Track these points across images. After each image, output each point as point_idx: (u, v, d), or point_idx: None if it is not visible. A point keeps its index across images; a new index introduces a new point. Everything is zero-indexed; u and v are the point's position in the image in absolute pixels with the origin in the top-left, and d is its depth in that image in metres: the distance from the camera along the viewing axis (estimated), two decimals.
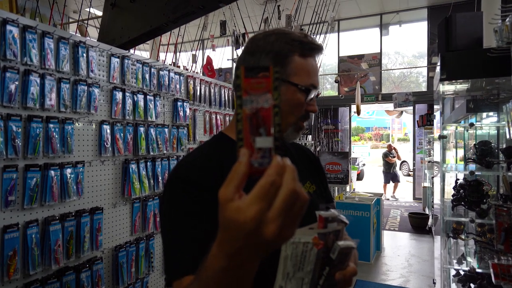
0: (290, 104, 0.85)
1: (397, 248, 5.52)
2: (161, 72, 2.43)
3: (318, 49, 0.88)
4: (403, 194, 10.43)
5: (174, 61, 5.30)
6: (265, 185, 0.39)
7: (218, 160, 0.83)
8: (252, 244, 0.41)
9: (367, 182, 12.82)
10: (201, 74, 3.36)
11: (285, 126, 0.87)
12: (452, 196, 2.37)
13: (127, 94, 2.12)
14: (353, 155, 11.46)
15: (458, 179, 2.49)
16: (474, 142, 2.40)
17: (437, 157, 4.00)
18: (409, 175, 13.49)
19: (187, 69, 4.74)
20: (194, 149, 0.93)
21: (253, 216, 0.39)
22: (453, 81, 2.11)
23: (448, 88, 2.44)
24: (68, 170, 1.72)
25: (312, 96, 0.88)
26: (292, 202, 0.40)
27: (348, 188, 6.44)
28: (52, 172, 1.63)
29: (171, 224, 0.78)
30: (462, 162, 2.78)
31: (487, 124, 2.70)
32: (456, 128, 3.11)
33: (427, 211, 7.05)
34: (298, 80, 0.85)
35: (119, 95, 2.07)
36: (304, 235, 0.59)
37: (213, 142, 0.93)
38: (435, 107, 3.75)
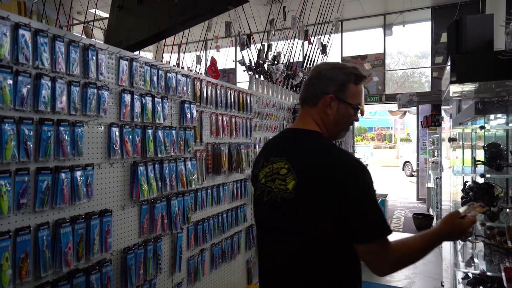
0: (345, 115, 1.25)
1: None
2: (168, 74, 2.43)
3: (365, 78, 1.26)
4: (406, 194, 10.39)
5: (178, 62, 5.29)
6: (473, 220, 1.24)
7: None
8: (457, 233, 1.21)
9: None
10: (205, 75, 3.35)
11: (340, 129, 1.28)
12: (461, 198, 2.36)
13: (135, 96, 2.12)
14: (356, 156, 11.42)
15: (467, 181, 2.47)
16: (483, 144, 2.39)
17: (444, 159, 3.98)
18: (412, 175, 13.46)
19: (191, 70, 4.74)
20: (347, 153, 1.20)
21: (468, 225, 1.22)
22: (464, 83, 2.10)
23: (456, 89, 2.42)
24: (78, 173, 1.72)
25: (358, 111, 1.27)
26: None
27: None
28: (63, 175, 1.64)
29: (374, 199, 1.10)
30: (470, 164, 2.77)
31: (495, 126, 2.69)
32: (463, 130, 3.09)
33: (431, 212, 7.03)
34: (351, 101, 1.23)
35: (127, 98, 2.07)
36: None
37: (334, 144, 1.23)
38: (443, 107, 3.73)
